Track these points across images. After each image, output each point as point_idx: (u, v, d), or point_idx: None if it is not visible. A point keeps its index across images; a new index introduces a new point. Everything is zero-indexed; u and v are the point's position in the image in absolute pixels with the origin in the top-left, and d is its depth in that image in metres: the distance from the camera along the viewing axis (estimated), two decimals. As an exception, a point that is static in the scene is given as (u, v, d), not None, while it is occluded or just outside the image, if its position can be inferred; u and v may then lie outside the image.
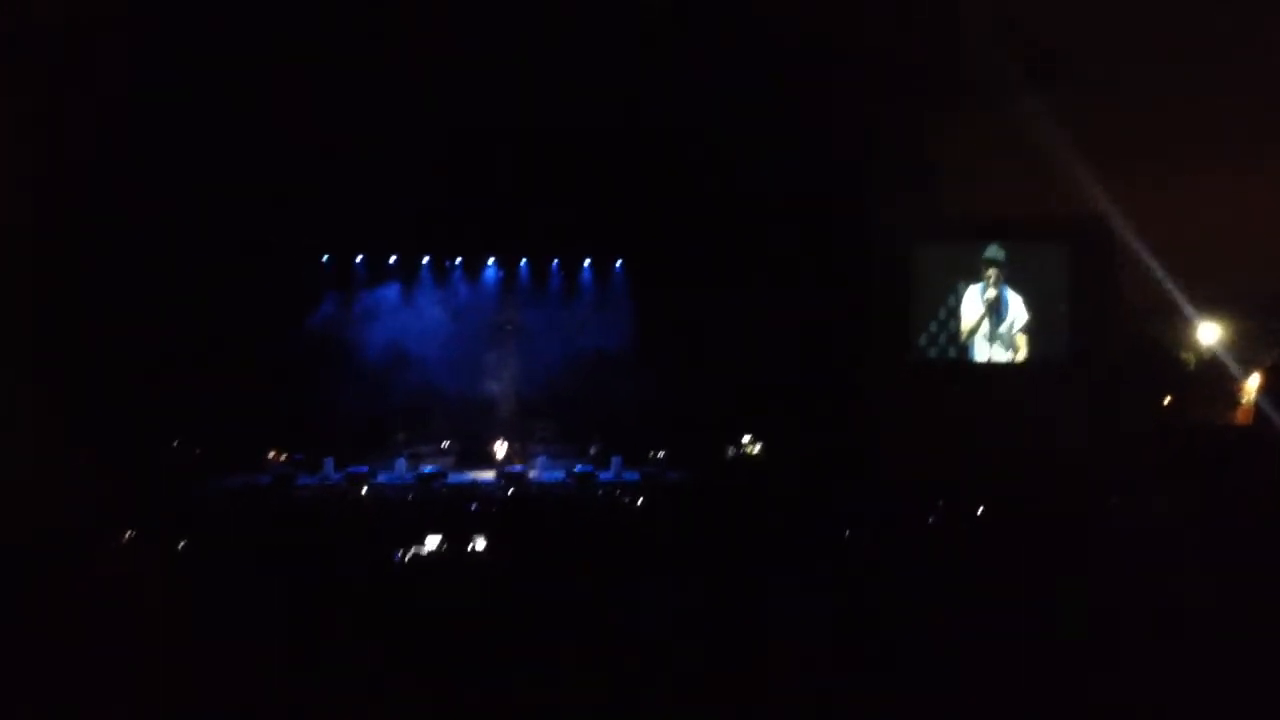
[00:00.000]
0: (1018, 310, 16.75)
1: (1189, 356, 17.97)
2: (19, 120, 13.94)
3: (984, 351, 16.83)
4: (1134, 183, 15.30)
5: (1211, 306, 17.18)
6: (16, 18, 12.96)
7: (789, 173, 16.22)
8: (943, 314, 16.83)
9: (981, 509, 9.21)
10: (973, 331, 16.79)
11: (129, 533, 9.09)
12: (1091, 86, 14.60)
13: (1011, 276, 16.77)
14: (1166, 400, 17.30)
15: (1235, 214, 15.35)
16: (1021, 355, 16.77)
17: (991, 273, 16.73)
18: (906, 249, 16.90)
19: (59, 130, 14.37)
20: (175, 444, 16.24)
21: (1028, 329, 16.74)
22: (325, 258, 18.21)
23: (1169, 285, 15.60)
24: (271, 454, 16.87)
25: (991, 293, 16.74)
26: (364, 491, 14.97)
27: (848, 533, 8.45)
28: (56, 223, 14.47)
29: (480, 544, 8.91)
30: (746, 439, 17.75)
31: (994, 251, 16.75)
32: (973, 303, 16.80)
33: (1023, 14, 14.03)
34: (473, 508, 11.48)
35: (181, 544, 8.72)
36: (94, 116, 14.49)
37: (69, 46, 13.78)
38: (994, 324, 16.75)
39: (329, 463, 16.52)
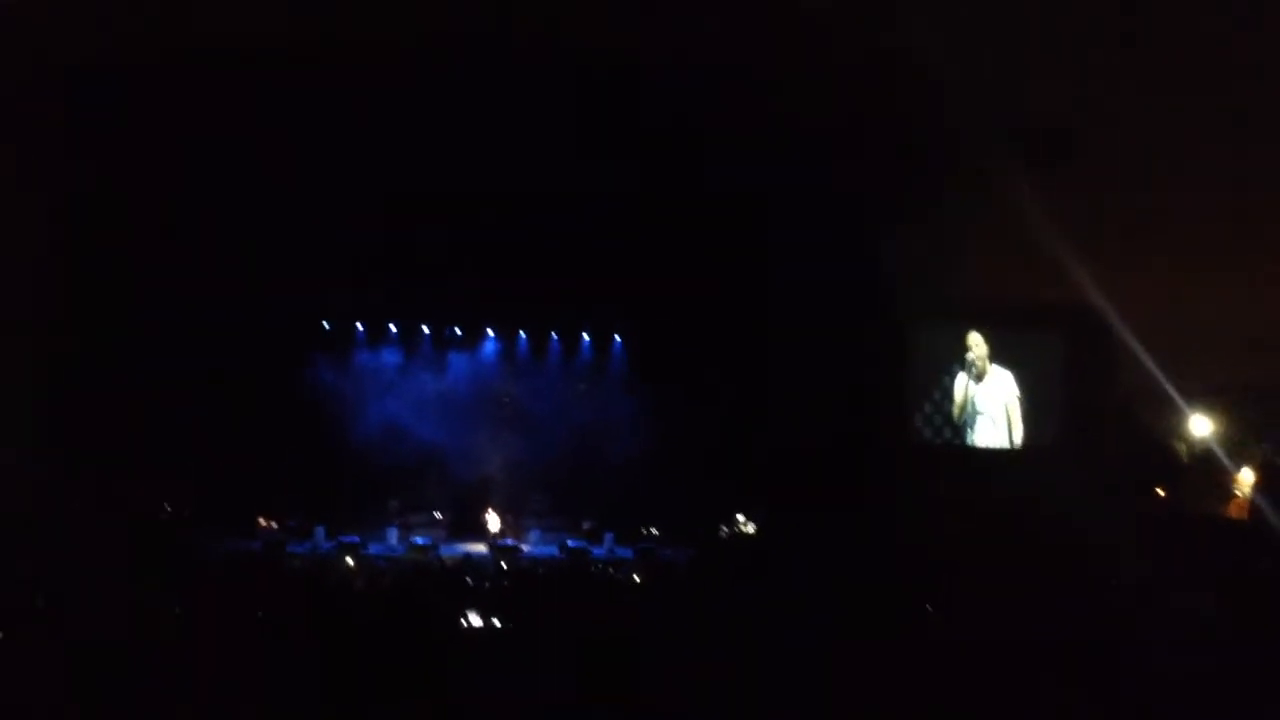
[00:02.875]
0: (1009, 396, 16.82)
1: (1182, 447, 18.02)
2: (17, 187, 14.08)
3: (978, 436, 16.86)
4: (1128, 271, 15.47)
5: (1203, 398, 17.28)
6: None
7: (786, 254, 16.38)
8: (938, 395, 16.91)
9: (977, 595, 9.18)
10: (966, 415, 16.84)
11: (120, 596, 9.01)
12: (1089, 174, 14.83)
13: (1002, 361, 16.86)
14: (1160, 491, 17.31)
15: (1228, 305, 15.51)
16: (1014, 441, 16.80)
17: (980, 357, 16.83)
18: (902, 331, 17.01)
19: (58, 201, 14.52)
20: (167, 508, 16.13)
21: (1020, 415, 16.80)
22: (325, 324, 18.28)
23: (1161, 375, 15.69)
24: (263, 520, 16.76)
25: (982, 377, 16.82)
26: (352, 562, 14.85)
27: (842, 617, 8.41)
28: (53, 291, 14.53)
29: (474, 619, 8.84)
30: (740, 517, 17.70)
31: (983, 336, 16.86)
32: (965, 386, 16.88)
33: (1020, 102, 14.30)
34: (467, 581, 11.40)
35: (174, 609, 8.65)
36: (91, 186, 14.63)
37: (74, 115, 13.96)
38: (986, 409, 16.80)
39: (320, 531, 16.42)
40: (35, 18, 12.15)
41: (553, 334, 19.17)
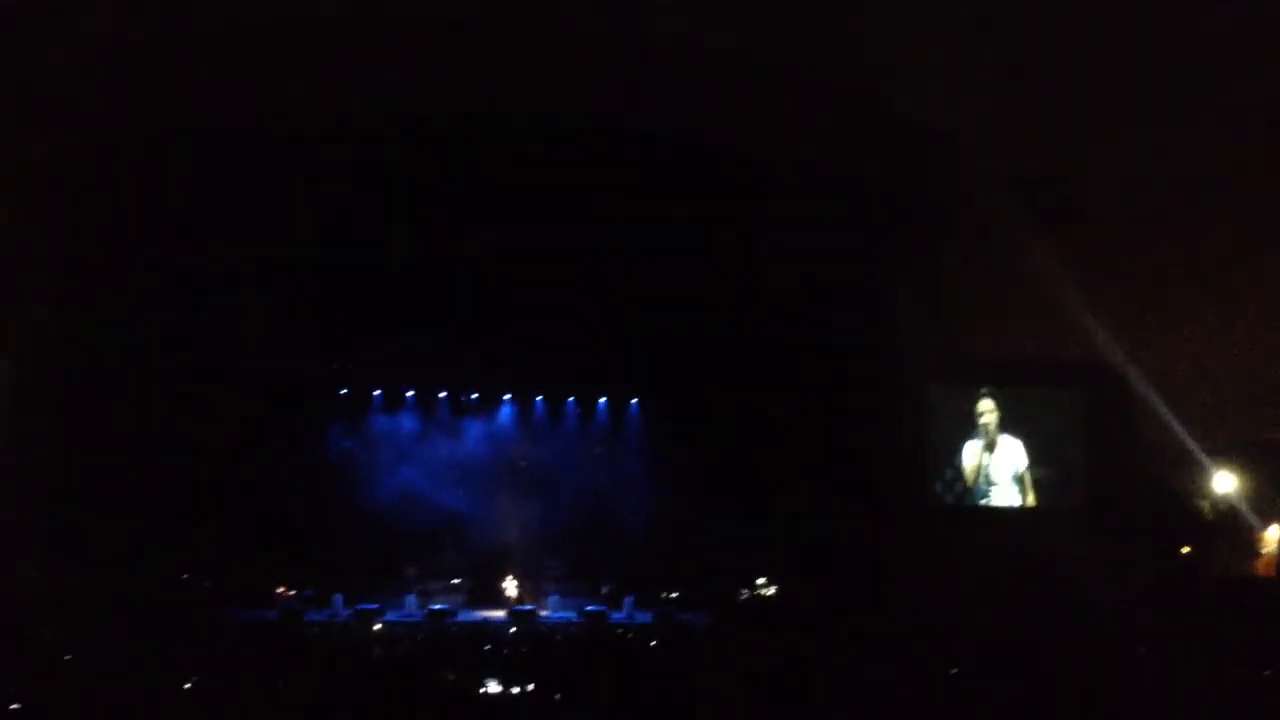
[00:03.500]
0: (1019, 464, 16.65)
1: (1205, 505, 17.81)
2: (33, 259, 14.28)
3: (998, 497, 16.69)
4: (1145, 327, 15.42)
5: (1226, 454, 17.11)
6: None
7: (802, 316, 16.41)
8: (959, 459, 16.76)
9: (999, 659, 9.07)
10: (985, 477, 16.69)
11: (136, 666, 8.98)
12: (1107, 230, 14.83)
13: (1014, 428, 16.73)
14: (1185, 549, 17.09)
15: (1247, 359, 15.42)
16: (1033, 501, 16.63)
17: (991, 424, 16.69)
18: (920, 392, 16.92)
19: (77, 267, 14.71)
20: (184, 577, 16.11)
21: (1039, 475, 16.64)
22: (342, 391, 18.38)
23: (1182, 431, 15.57)
24: (280, 589, 16.72)
25: (985, 442, 16.67)
26: (374, 629, 14.78)
27: (863, 681, 8.32)
28: (69, 358, 14.66)
29: (493, 686, 8.77)
30: (761, 581, 17.56)
31: (995, 396, 16.75)
32: (971, 451, 16.73)
33: (1031, 160, 14.36)
34: (485, 648, 11.32)
35: (191, 681, 8.61)
36: (110, 253, 14.80)
37: (93, 183, 14.17)
38: (999, 478, 16.65)
39: (338, 599, 16.36)
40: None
41: (569, 398, 19.20)
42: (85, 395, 14.59)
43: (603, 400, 19.22)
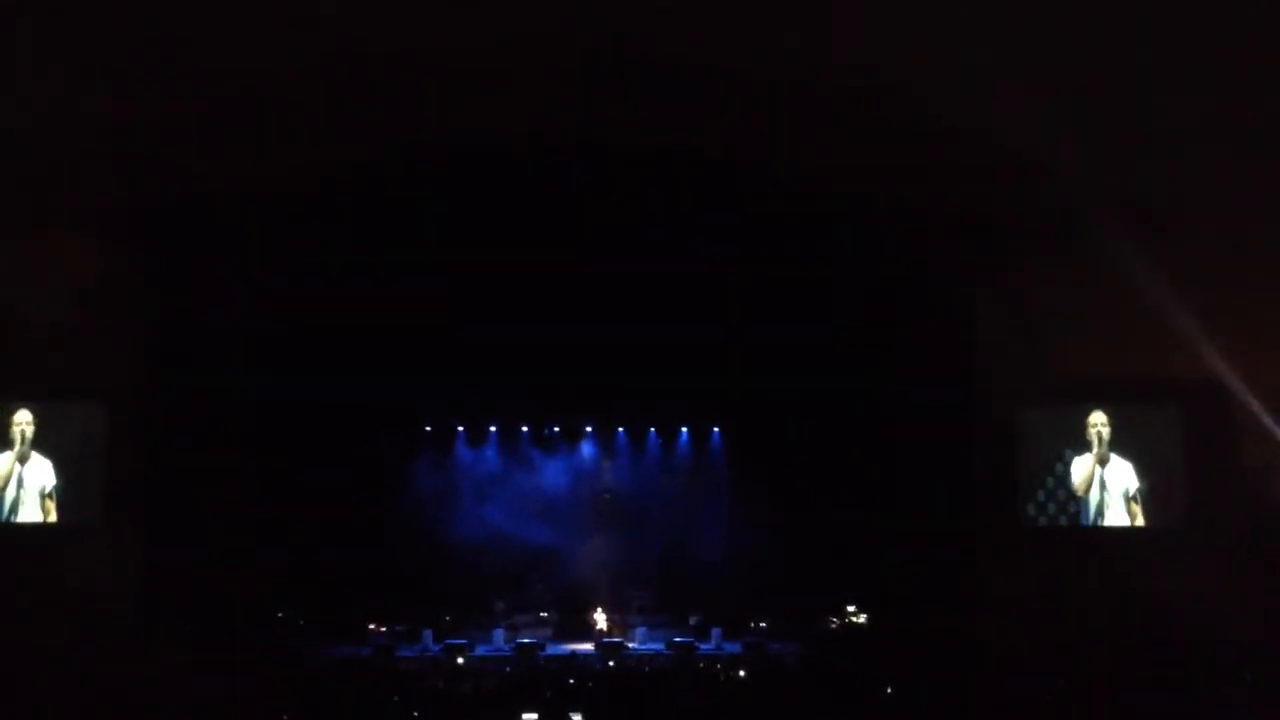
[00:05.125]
0: (1129, 476, 16.19)
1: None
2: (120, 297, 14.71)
3: (1097, 518, 16.22)
4: (1248, 339, 14.93)
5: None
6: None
7: (889, 338, 16.21)
8: (1050, 482, 16.34)
9: (1098, 684, 8.77)
10: (1084, 498, 16.25)
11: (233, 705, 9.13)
12: (1202, 241, 14.43)
13: (1121, 441, 16.28)
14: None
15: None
16: (1136, 522, 16.13)
17: (1101, 436, 16.27)
18: (1014, 413, 16.55)
19: (167, 316, 15.12)
20: (280, 615, 16.39)
21: (1141, 495, 16.14)
22: (427, 428, 18.61)
23: (1287, 447, 15.02)
24: (372, 625, 16.93)
25: (1101, 458, 16.25)
26: (460, 662, 14.86)
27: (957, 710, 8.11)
28: (162, 399, 15.05)
29: (579, 720, 8.75)
30: (851, 609, 17.28)
31: (1101, 416, 16.33)
32: (1082, 469, 16.30)
33: (1133, 170, 14.03)
34: (569, 681, 11.30)
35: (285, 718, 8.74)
36: (197, 297, 15.20)
37: (187, 227, 14.57)
38: (1105, 491, 16.19)
39: (428, 634, 16.49)
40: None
41: (651, 429, 19.19)
42: (177, 435, 14.97)
43: (684, 430, 19.16)
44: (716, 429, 19.09)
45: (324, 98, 12.95)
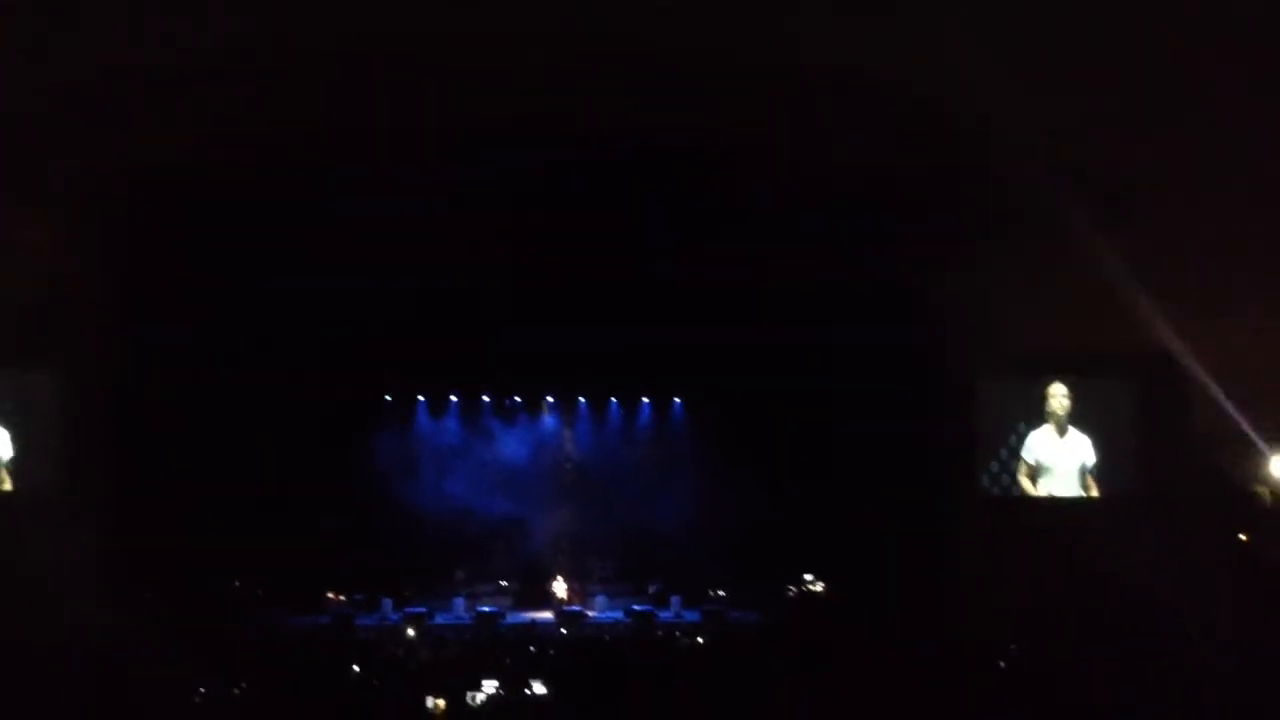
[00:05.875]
0: (1085, 449, 16.42)
1: (1263, 491, 17.45)
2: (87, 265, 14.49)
3: (1053, 487, 16.45)
4: (1202, 313, 15.13)
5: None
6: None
7: (848, 310, 16.28)
8: (1004, 454, 16.54)
9: (1052, 651, 8.93)
10: (1038, 470, 16.47)
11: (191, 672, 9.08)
12: (1158, 217, 14.58)
13: (1077, 414, 16.49)
14: (1242, 536, 16.76)
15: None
16: (1089, 492, 16.38)
17: (1058, 410, 16.47)
18: (971, 384, 16.72)
19: (122, 286, 14.91)
20: (237, 584, 16.30)
21: (1095, 466, 16.38)
22: (387, 398, 18.51)
23: (1239, 418, 15.27)
24: (331, 594, 16.88)
25: (1056, 430, 16.46)
26: (417, 632, 14.86)
27: (914, 675, 8.22)
28: (118, 368, 14.87)
29: (539, 688, 8.77)
30: (809, 577, 17.44)
31: (1059, 389, 16.52)
32: (1039, 441, 16.51)
33: (1089, 147, 14.14)
34: (531, 650, 11.34)
35: (243, 685, 8.70)
36: (153, 267, 14.99)
37: (141, 197, 14.34)
38: (1061, 462, 16.40)
39: (387, 603, 16.49)
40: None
41: (611, 399, 19.20)
42: (133, 406, 14.80)
43: (645, 400, 19.18)
44: (678, 400, 19.12)
45: (281, 69, 12.77)
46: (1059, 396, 16.43)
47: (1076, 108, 13.16)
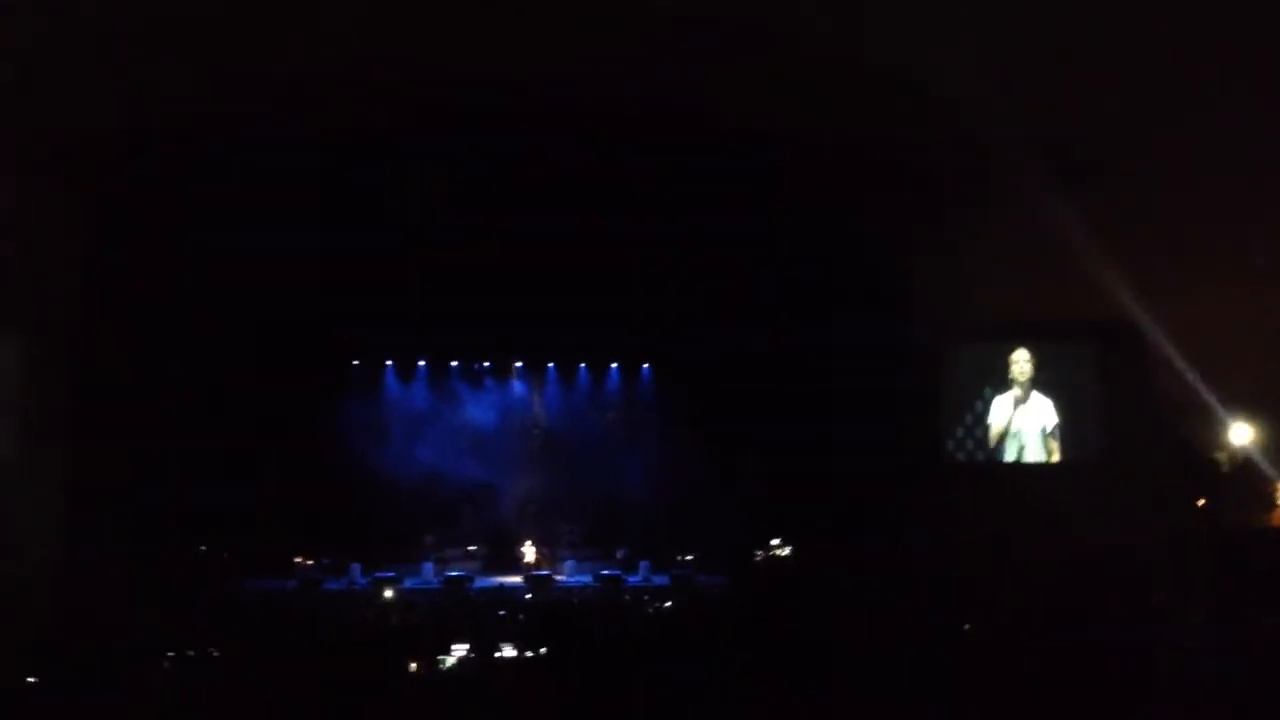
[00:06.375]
0: (1048, 413, 16.62)
1: (1222, 457, 17.74)
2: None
3: (1016, 453, 16.66)
4: (1164, 281, 15.30)
5: (1244, 406, 17.02)
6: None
7: (816, 277, 16.32)
8: (970, 419, 16.71)
9: (1016, 613, 9.05)
10: (1002, 435, 16.66)
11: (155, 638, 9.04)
12: (1122, 186, 14.69)
13: (1040, 379, 16.67)
14: (1200, 502, 17.04)
15: (1267, 313, 15.30)
16: (1052, 457, 16.59)
17: (1021, 374, 16.65)
18: (938, 351, 16.85)
19: (88, 249, 14.72)
20: (203, 548, 16.22)
21: (1058, 431, 16.59)
22: (355, 362, 18.40)
23: (1200, 385, 15.48)
24: (298, 559, 16.84)
25: (1021, 396, 16.64)
26: (389, 595, 14.87)
27: (879, 638, 8.31)
28: (84, 331, 14.70)
29: (508, 651, 8.80)
30: (775, 542, 17.59)
31: (1022, 354, 16.69)
32: (1002, 406, 16.69)
33: (1053, 117, 14.20)
34: (500, 614, 11.37)
35: (209, 650, 8.66)
36: (118, 230, 14.80)
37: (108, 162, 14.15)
38: (1026, 431, 16.59)
39: (356, 568, 16.48)
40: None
41: (581, 365, 19.19)
42: (97, 371, 14.64)
43: (615, 366, 19.18)
44: (646, 365, 19.13)
45: (248, 30, 12.58)
46: (1022, 362, 16.61)
47: (1044, 78, 13.21)
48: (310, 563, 16.79)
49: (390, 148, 14.89)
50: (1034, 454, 16.60)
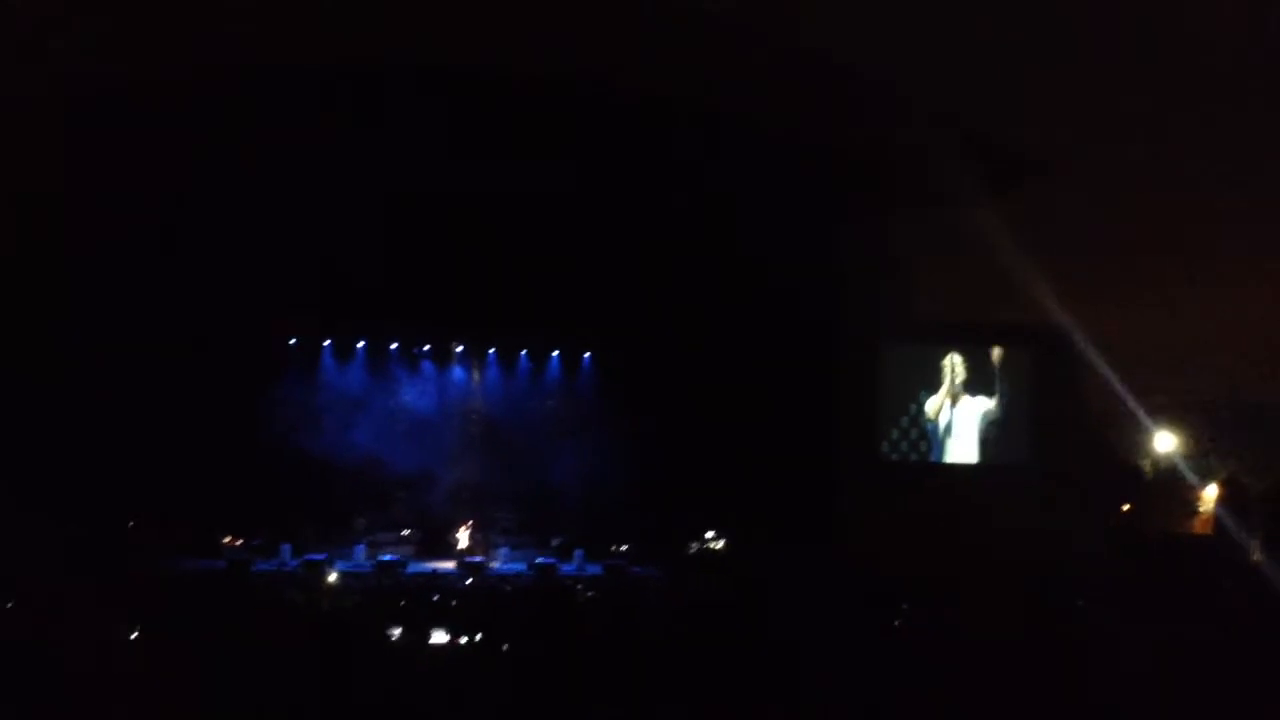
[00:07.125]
0: (980, 415, 16.92)
1: (1147, 464, 18.20)
2: None
3: (948, 454, 16.94)
4: (1096, 290, 15.62)
5: (1168, 415, 17.46)
6: None
7: (757, 273, 16.42)
8: (905, 420, 16.97)
9: (946, 611, 9.21)
10: (937, 435, 16.93)
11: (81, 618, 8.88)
12: (1056, 191, 14.96)
13: (974, 381, 16.97)
14: (1125, 507, 17.47)
15: (1191, 322, 15.68)
16: (984, 458, 16.89)
17: (954, 377, 16.93)
18: (873, 351, 17.07)
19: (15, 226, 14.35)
20: (131, 525, 15.92)
21: (990, 433, 16.90)
22: (292, 341, 18.14)
23: (1127, 394, 15.84)
24: (227, 539, 16.60)
25: (954, 396, 16.92)
26: (323, 579, 14.71)
27: (812, 633, 8.40)
28: (11, 306, 14.36)
29: (441, 636, 8.77)
30: (710, 534, 17.70)
31: (956, 358, 16.97)
32: (936, 406, 16.97)
33: (990, 121, 14.42)
34: (434, 599, 11.31)
35: (136, 631, 8.52)
36: (51, 205, 14.45)
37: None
38: (959, 433, 16.88)
39: (286, 549, 16.28)
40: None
41: (522, 351, 19.11)
42: (23, 344, 14.29)
43: (555, 353, 19.13)
44: (587, 354, 19.10)
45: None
46: (956, 365, 16.89)
47: (980, 81, 13.41)
48: (240, 543, 16.55)
49: (336, 125, 14.72)
50: (967, 455, 16.89)
